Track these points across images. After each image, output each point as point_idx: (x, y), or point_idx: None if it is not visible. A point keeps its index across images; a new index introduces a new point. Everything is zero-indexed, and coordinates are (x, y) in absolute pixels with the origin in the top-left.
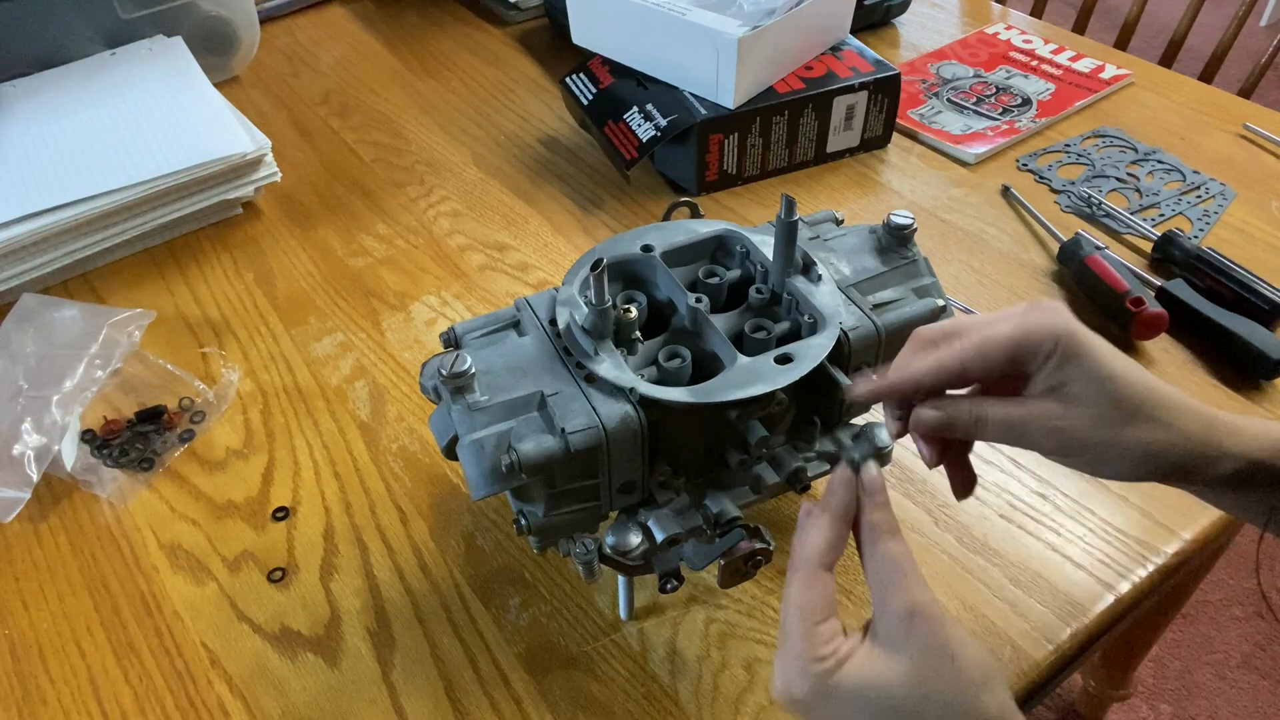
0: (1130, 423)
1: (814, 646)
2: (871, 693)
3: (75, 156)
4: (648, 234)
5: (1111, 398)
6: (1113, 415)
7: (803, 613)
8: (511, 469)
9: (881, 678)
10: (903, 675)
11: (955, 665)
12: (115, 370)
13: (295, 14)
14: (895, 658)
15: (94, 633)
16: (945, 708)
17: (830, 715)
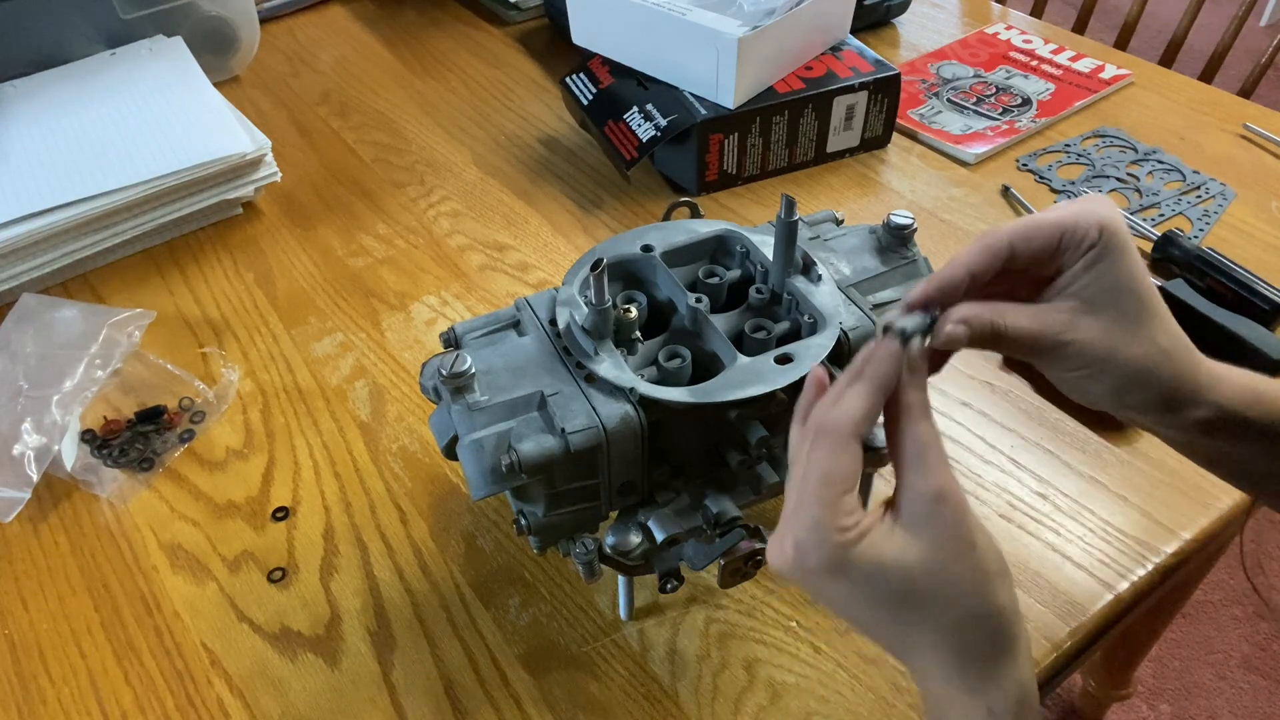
0: (1135, 338)
1: (837, 516)
2: (888, 570)
3: (75, 156)
4: (648, 234)
5: (1127, 306)
6: (1122, 326)
7: (828, 481)
8: (511, 469)
9: (901, 556)
10: (921, 556)
11: (976, 553)
12: (115, 370)
13: (295, 14)
14: (917, 538)
15: (94, 633)
16: (959, 593)
17: (841, 589)
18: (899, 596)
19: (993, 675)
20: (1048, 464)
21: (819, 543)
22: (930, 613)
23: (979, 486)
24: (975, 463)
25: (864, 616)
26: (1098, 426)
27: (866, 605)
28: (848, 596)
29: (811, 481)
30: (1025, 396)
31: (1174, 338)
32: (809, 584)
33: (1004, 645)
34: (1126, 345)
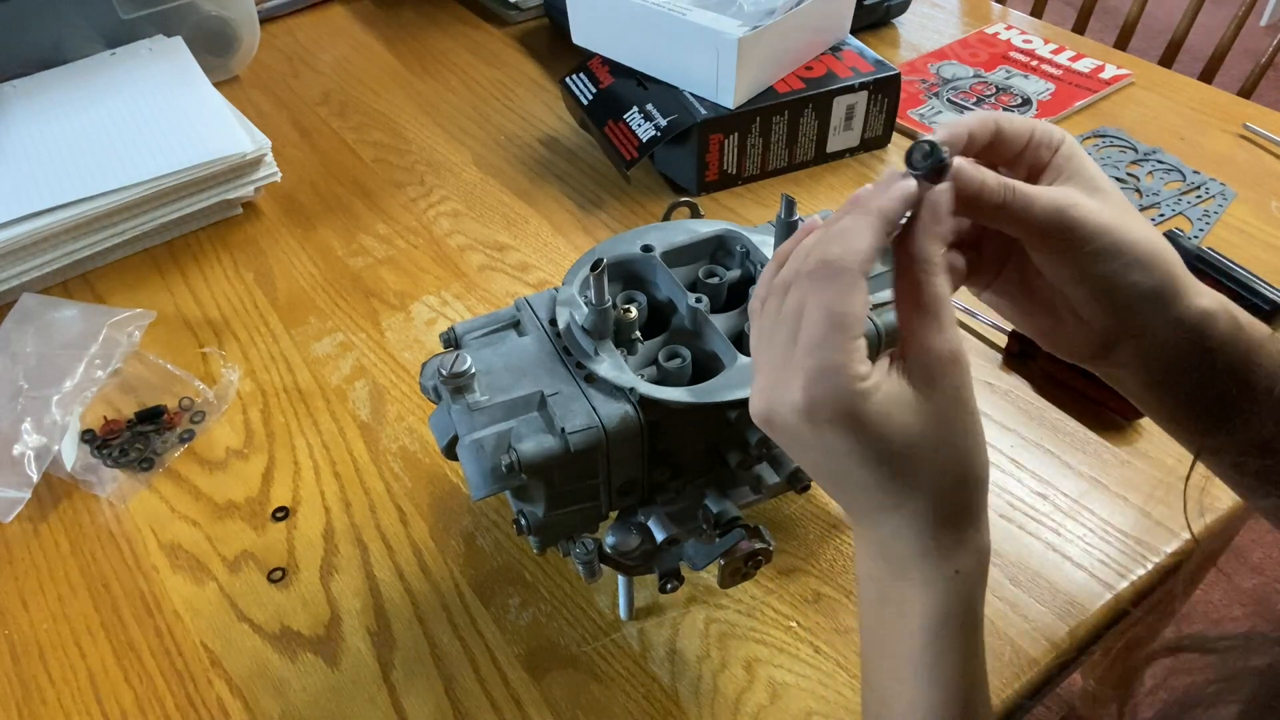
0: (1135, 219)
1: (854, 362)
2: (895, 427)
3: (75, 156)
4: (648, 234)
5: (1115, 196)
6: (1119, 209)
7: (842, 323)
8: (511, 469)
9: (909, 414)
10: (928, 418)
11: (973, 417)
12: (115, 370)
13: (295, 14)
14: (927, 399)
15: (94, 633)
16: (955, 456)
17: (843, 443)
18: (900, 455)
19: (964, 538)
20: (1048, 464)
21: (835, 390)
22: (926, 475)
23: None
24: None
25: (855, 475)
26: (1098, 426)
27: (863, 462)
28: (847, 451)
29: (819, 325)
30: (1025, 396)
31: (1152, 231)
32: (804, 435)
33: (977, 509)
34: (1129, 224)
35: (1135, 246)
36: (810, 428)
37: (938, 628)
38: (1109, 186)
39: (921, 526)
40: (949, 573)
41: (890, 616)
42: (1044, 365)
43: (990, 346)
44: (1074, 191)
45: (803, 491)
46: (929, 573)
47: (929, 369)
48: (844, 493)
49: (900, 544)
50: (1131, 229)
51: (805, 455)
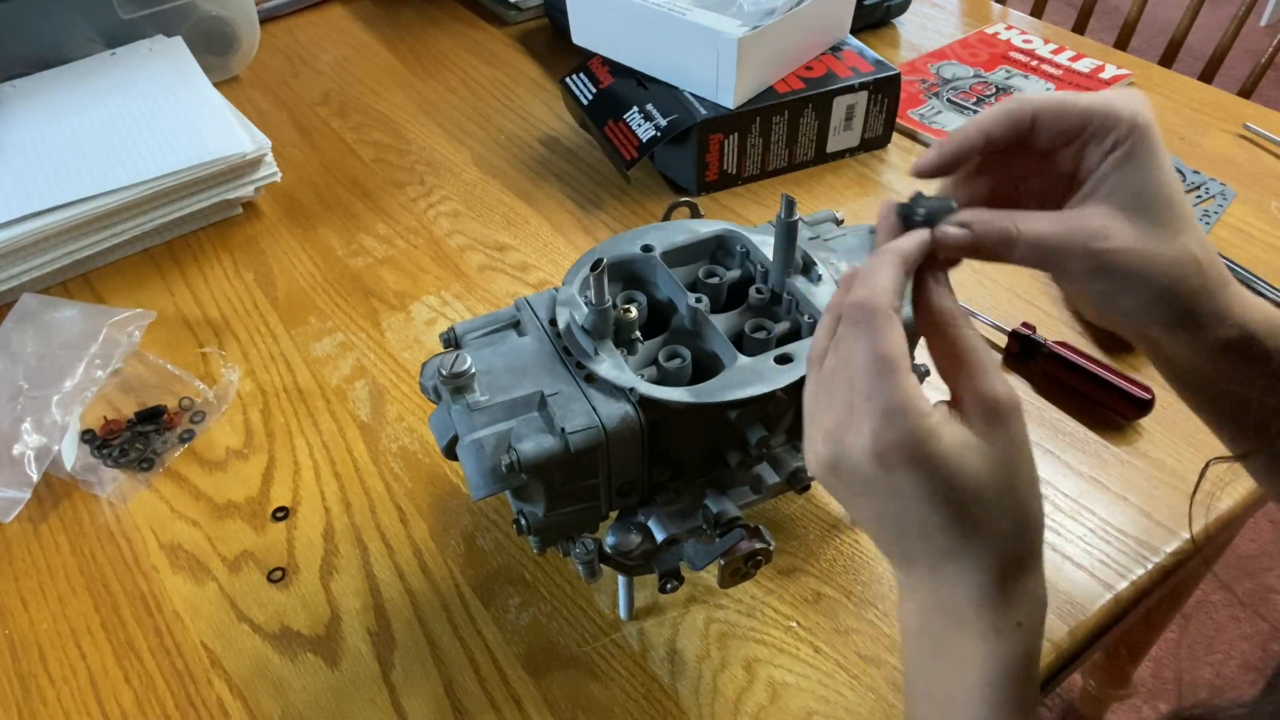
0: (1170, 246)
1: (917, 400)
2: (965, 466)
3: (75, 156)
4: (648, 234)
5: (1161, 211)
6: (1156, 234)
7: (889, 363)
8: (511, 469)
9: (976, 455)
10: (993, 461)
11: (1032, 465)
12: (115, 370)
13: (295, 14)
14: (989, 442)
15: (94, 633)
16: (1017, 502)
17: (910, 483)
18: (968, 498)
19: (1026, 588)
20: (1048, 464)
21: (906, 431)
22: (992, 520)
23: None
24: None
25: (920, 518)
26: (1098, 426)
27: (931, 504)
28: (915, 493)
29: (868, 368)
30: (1025, 396)
31: (1206, 248)
32: (874, 479)
33: (1036, 558)
34: (1161, 253)
35: (1164, 278)
36: (882, 471)
37: (999, 681)
38: (1166, 189)
39: (984, 574)
40: (1011, 624)
41: (946, 669)
42: (1044, 365)
43: (990, 346)
44: (1104, 218)
45: (803, 491)
46: (991, 623)
47: (990, 414)
48: (904, 539)
49: (961, 592)
50: (1162, 258)
51: (869, 501)
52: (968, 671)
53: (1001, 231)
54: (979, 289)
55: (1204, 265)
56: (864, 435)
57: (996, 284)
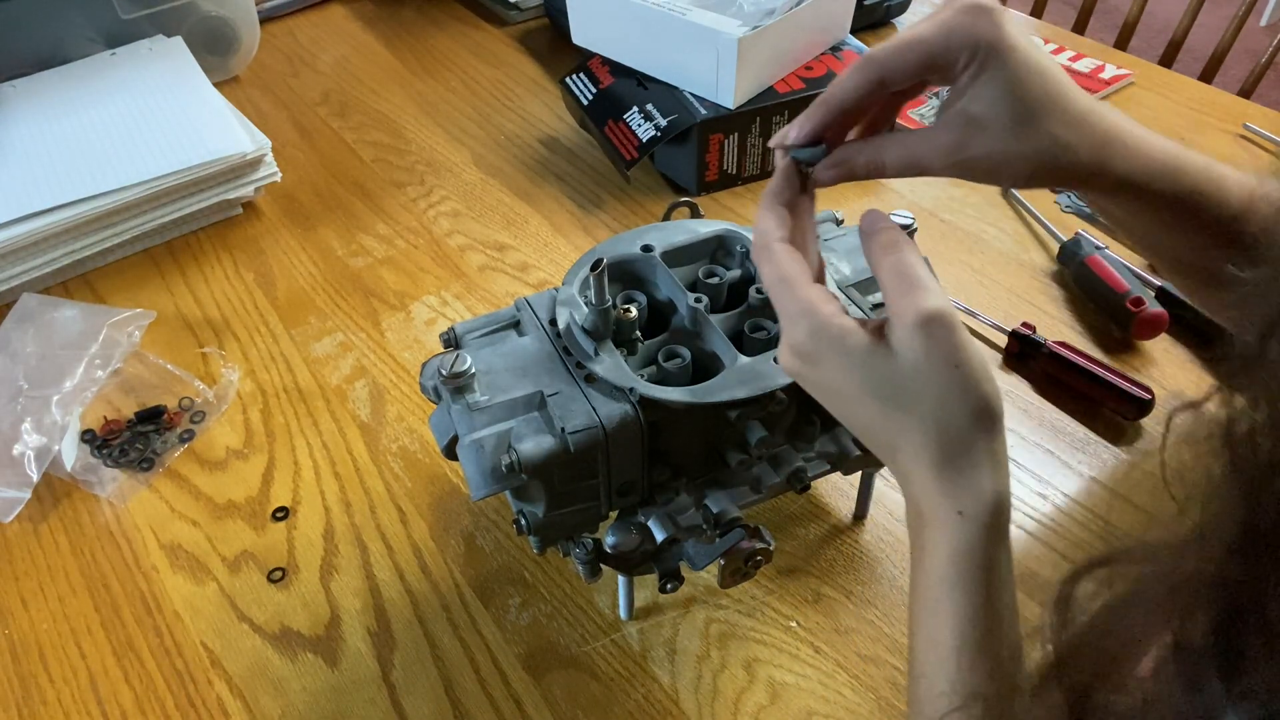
0: (1030, 138)
1: (818, 302)
2: (878, 361)
3: (75, 156)
4: (648, 234)
5: (1017, 111)
6: (1015, 132)
7: (783, 281)
8: (511, 469)
9: (900, 348)
10: (916, 354)
11: (966, 354)
12: (115, 370)
13: (295, 14)
14: (910, 343)
15: (94, 633)
16: (949, 392)
17: (840, 368)
18: (890, 388)
19: (966, 479)
20: (1048, 464)
21: (811, 328)
22: (921, 408)
23: None
24: None
25: (858, 410)
26: (1098, 426)
27: (862, 391)
28: (846, 377)
29: (777, 290)
30: (1025, 396)
31: (1074, 124)
32: (809, 376)
33: (980, 451)
34: (1018, 149)
35: (1027, 165)
36: (809, 367)
37: (945, 570)
38: (1021, 89)
39: (924, 463)
40: (952, 514)
41: (915, 560)
42: (1044, 365)
43: (990, 346)
44: (959, 132)
45: (803, 491)
46: (936, 512)
47: (920, 323)
48: (859, 433)
49: (912, 485)
50: (1023, 151)
51: (823, 399)
52: (925, 560)
53: (868, 164)
54: (979, 289)
55: (1071, 146)
56: (784, 342)
57: (996, 284)
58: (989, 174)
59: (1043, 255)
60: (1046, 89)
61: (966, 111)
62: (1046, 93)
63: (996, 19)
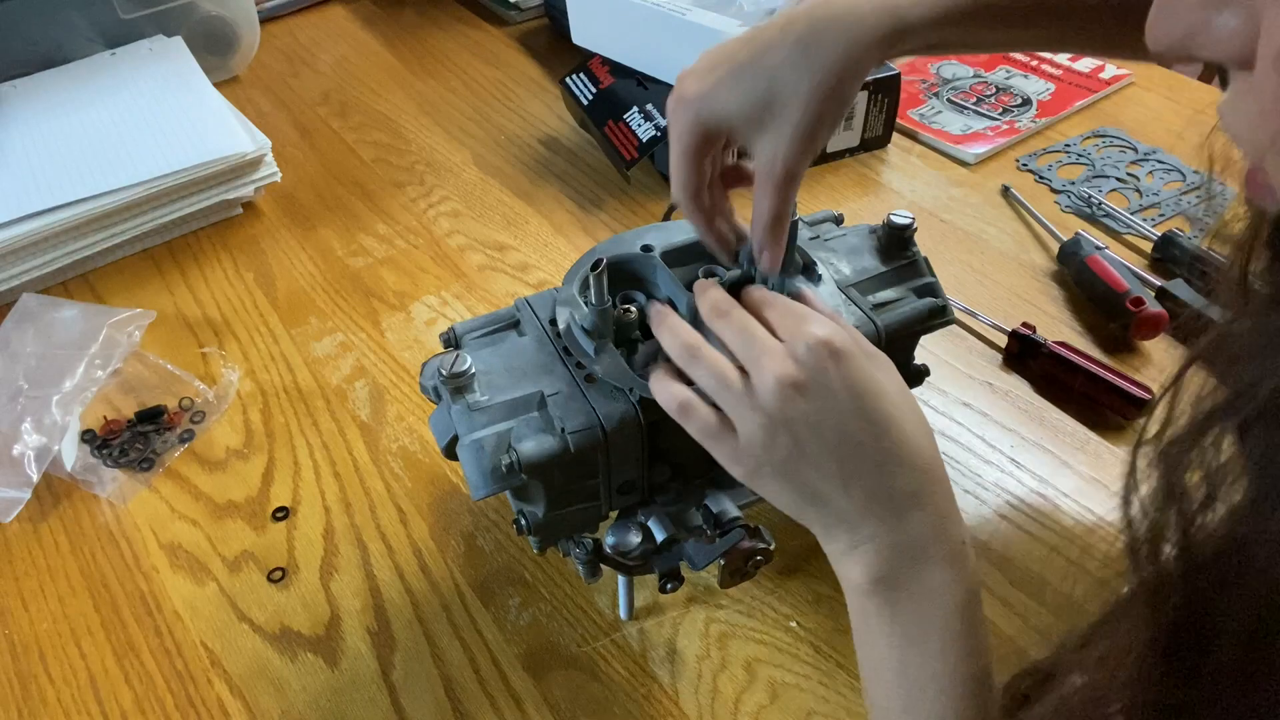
0: (783, 119)
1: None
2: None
3: (75, 156)
4: (648, 234)
5: (760, 119)
6: (770, 125)
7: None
8: (511, 469)
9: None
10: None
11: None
12: (115, 370)
13: (295, 14)
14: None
15: (94, 633)
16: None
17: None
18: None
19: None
20: (1048, 464)
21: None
22: (916, 441)
23: (979, 486)
24: (975, 463)
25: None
26: (1098, 426)
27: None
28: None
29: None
30: (1025, 396)
31: (796, 87)
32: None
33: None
34: (794, 116)
35: (818, 137)
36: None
37: (965, 600)
38: (754, 125)
39: (936, 503)
40: (959, 544)
41: (911, 610)
42: (1044, 365)
43: (990, 346)
44: (767, 162)
45: None
46: (952, 547)
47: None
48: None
49: (923, 525)
50: (798, 135)
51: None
52: (939, 599)
53: (763, 231)
54: (979, 289)
55: (813, 78)
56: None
57: (996, 284)
58: (805, 142)
59: (1043, 255)
60: (759, 67)
61: (755, 138)
62: (758, 104)
63: (677, 97)
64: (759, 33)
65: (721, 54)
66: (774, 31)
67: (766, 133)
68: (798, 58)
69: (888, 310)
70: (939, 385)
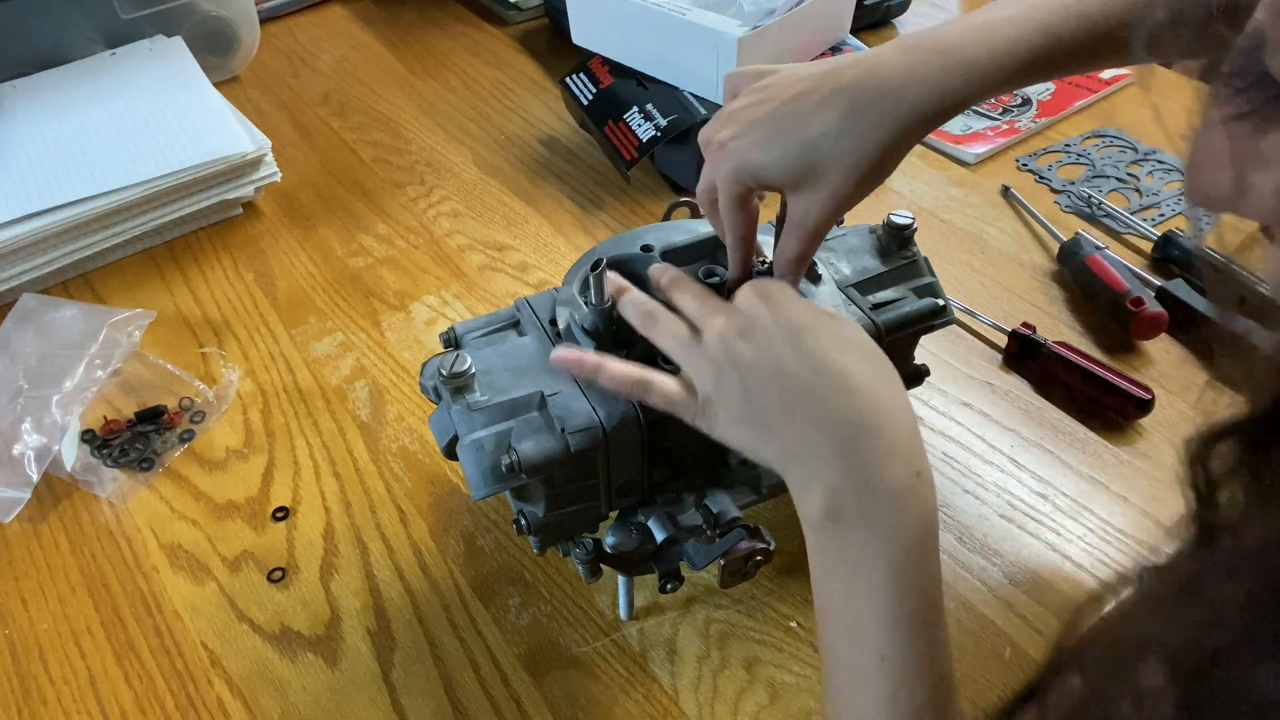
0: (824, 179)
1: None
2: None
3: (75, 156)
4: (648, 234)
5: (799, 176)
6: (811, 184)
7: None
8: (511, 469)
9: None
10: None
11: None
12: (115, 370)
13: (295, 14)
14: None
15: (94, 633)
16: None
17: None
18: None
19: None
20: (1048, 464)
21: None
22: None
23: (979, 486)
24: (975, 463)
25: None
26: (1098, 426)
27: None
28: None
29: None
30: (1025, 396)
31: (852, 150)
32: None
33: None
34: (834, 194)
35: (854, 200)
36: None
37: (928, 532)
38: (793, 177)
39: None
40: (913, 475)
41: (858, 540)
42: (1044, 365)
43: (990, 346)
44: (802, 215)
45: None
46: (903, 476)
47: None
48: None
49: (874, 457)
50: (838, 200)
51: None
52: (887, 531)
53: (784, 267)
54: (979, 289)
55: (855, 151)
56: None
57: (996, 284)
58: (838, 205)
59: (1043, 255)
60: (797, 158)
61: (789, 194)
62: (803, 158)
63: (718, 144)
64: (801, 89)
65: (760, 104)
66: (817, 98)
67: (803, 193)
68: (841, 131)
69: (888, 310)
70: (939, 385)
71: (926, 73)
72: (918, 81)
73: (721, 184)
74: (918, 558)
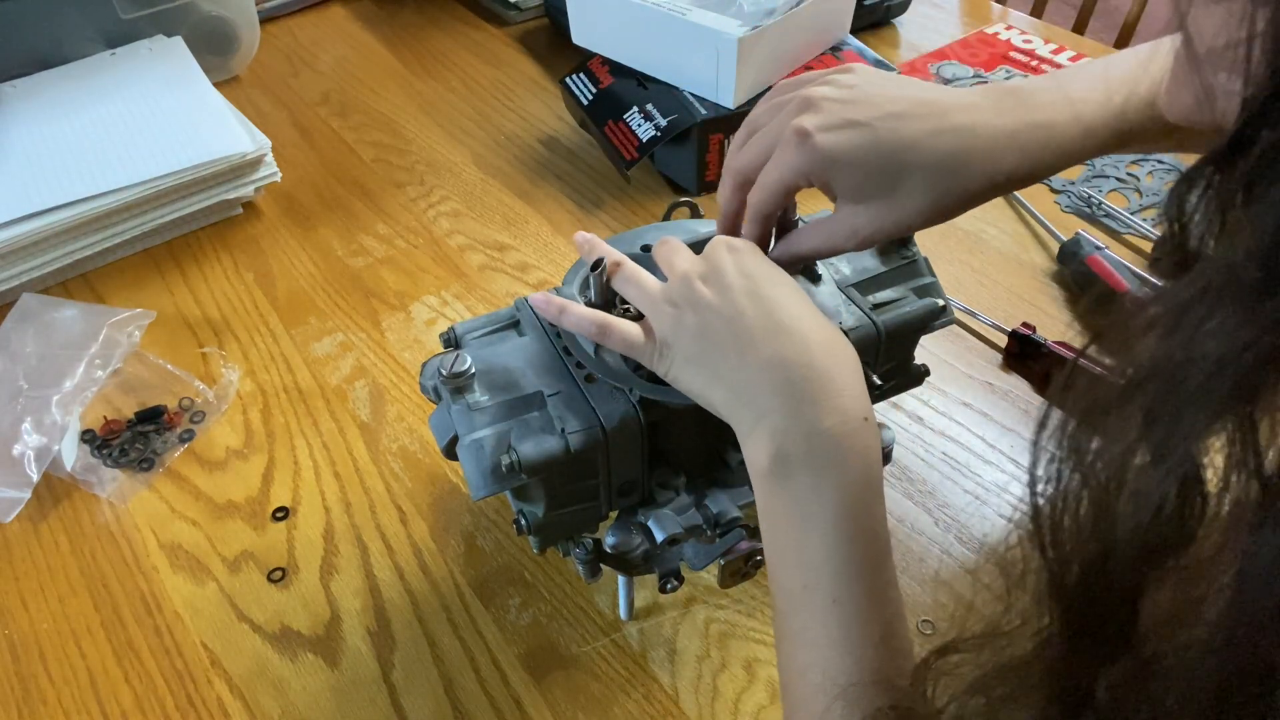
0: (900, 199)
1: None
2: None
3: (75, 156)
4: (648, 234)
5: (875, 186)
6: (882, 200)
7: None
8: (511, 469)
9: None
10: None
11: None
12: (115, 370)
13: (295, 14)
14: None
15: (94, 633)
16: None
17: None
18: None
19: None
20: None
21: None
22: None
23: (979, 486)
24: (975, 463)
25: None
26: None
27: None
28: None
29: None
30: (1025, 396)
31: (937, 181)
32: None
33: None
34: (895, 216)
35: (905, 228)
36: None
37: (877, 476)
38: (867, 187)
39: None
40: (861, 420)
41: (806, 486)
42: (1044, 365)
43: (990, 347)
44: (850, 218)
45: None
46: (858, 422)
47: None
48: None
49: (833, 400)
50: (896, 221)
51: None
52: (834, 475)
53: (790, 257)
54: (979, 289)
55: (940, 195)
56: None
57: (996, 284)
58: (894, 234)
59: (1043, 255)
60: (891, 163)
61: (845, 196)
62: (893, 166)
63: (805, 132)
64: (899, 109)
65: (854, 104)
66: (921, 129)
67: (861, 208)
68: (931, 173)
69: (888, 310)
70: (939, 385)
71: (1024, 144)
72: (1015, 151)
73: (786, 173)
74: (867, 500)
